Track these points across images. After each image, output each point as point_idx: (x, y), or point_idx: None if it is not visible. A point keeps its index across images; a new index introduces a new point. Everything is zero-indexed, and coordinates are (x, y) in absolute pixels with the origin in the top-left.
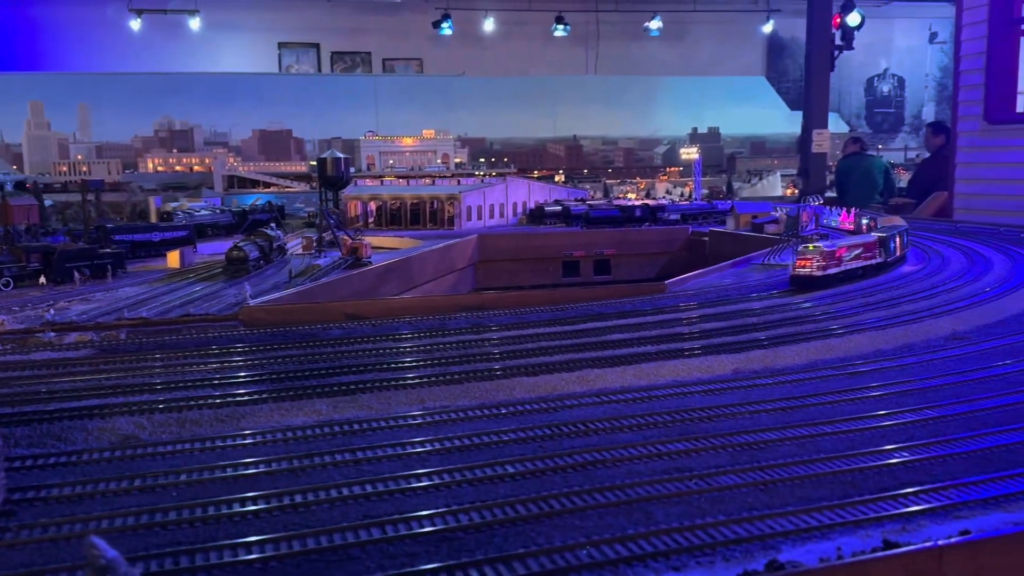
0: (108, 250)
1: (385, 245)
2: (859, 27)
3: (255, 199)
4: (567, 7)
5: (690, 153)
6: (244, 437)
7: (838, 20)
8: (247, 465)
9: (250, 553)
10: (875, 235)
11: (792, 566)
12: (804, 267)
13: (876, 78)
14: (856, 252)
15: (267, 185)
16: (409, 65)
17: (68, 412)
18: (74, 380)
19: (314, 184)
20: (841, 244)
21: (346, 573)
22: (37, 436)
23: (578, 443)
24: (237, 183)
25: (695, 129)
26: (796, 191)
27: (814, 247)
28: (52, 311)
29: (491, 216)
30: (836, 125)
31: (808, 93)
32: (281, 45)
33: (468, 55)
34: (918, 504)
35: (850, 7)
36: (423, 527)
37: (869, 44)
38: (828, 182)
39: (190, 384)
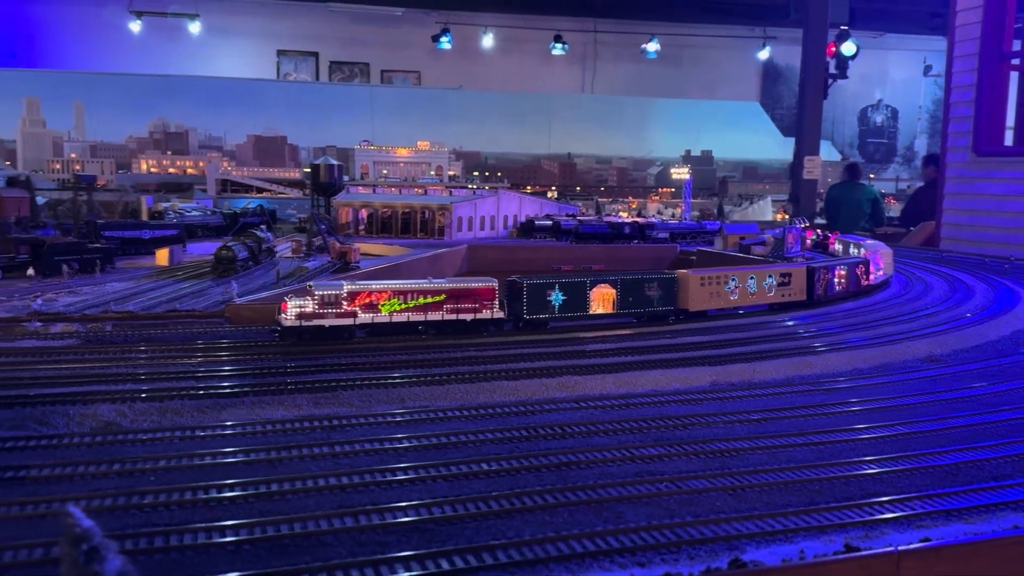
0: (97, 245)
1: (374, 252)
2: (854, 57)
3: (246, 203)
4: (566, 26)
5: (681, 173)
6: (224, 428)
7: (833, 49)
8: (226, 455)
9: (224, 536)
10: (796, 265)
11: (754, 565)
12: (284, 311)
13: (870, 108)
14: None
15: (260, 190)
16: (407, 77)
17: (50, 398)
18: (58, 368)
19: (307, 191)
20: (382, 287)
21: (315, 558)
22: (19, 419)
23: (554, 445)
24: (230, 187)
25: (688, 151)
26: (786, 216)
27: (313, 285)
28: (39, 301)
29: (481, 228)
30: (829, 153)
31: (801, 120)
32: (280, 53)
33: (466, 70)
34: (882, 513)
35: (845, 36)
36: (396, 518)
37: (864, 74)
38: (818, 208)
39: (173, 376)
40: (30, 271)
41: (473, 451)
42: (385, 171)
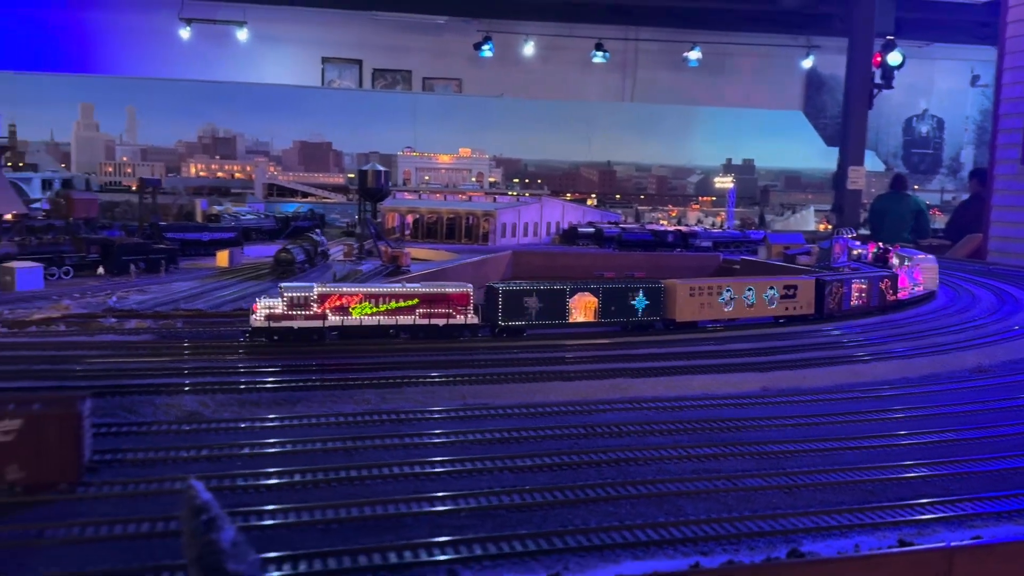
0: (162, 246)
1: (421, 256)
2: (900, 67)
3: (296, 207)
4: (607, 34)
5: (724, 182)
6: (300, 419)
7: (879, 59)
8: (304, 442)
9: (312, 516)
10: (803, 277)
11: (812, 555)
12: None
13: (915, 118)
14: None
15: (305, 195)
16: (448, 85)
17: (137, 388)
18: (138, 360)
19: (350, 196)
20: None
21: (398, 537)
22: (110, 408)
23: (612, 443)
24: (276, 191)
25: (729, 160)
26: (829, 226)
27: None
28: (114, 298)
29: (525, 234)
30: (873, 163)
31: (845, 130)
32: (325, 60)
33: (506, 77)
34: (934, 513)
35: (891, 47)
36: (469, 504)
37: (909, 84)
38: (862, 219)
39: (247, 371)
40: (100, 270)
41: (535, 446)
42: (427, 177)
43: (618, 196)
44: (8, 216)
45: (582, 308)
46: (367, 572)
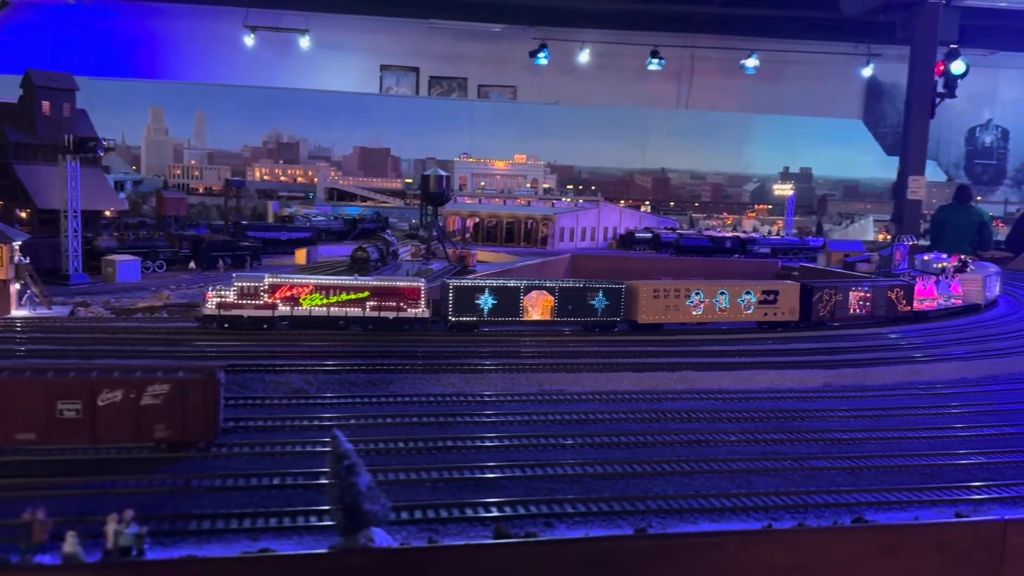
0: (247, 243)
1: (483, 258)
2: (963, 76)
3: (361, 210)
4: (663, 42)
5: (783, 190)
6: (395, 397)
7: (942, 68)
8: (401, 416)
9: (420, 475)
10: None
11: (874, 523)
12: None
13: (978, 128)
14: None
15: (364, 199)
16: (503, 92)
17: (247, 367)
18: (243, 343)
19: (408, 200)
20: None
21: (498, 496)
22: (226, 384)
23: (683, 427)
24: (337, 195)
25: (787, 168)
26: (888, 236)
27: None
28: (209, 290)
29: (583, 239)
30: (934, 173)
31: (906, 139)
32: (383, 68)
33: (561, 84)
34: (989, 494)
35: (955, 55)
36: (556, 472)
37: (973, 93)
38: (922, 229)
39: (344, 354)
40: (191, 264)
41: (612, 427)
42: (483, 183)
43: (672, 203)
44: (107, 213)
45: (539, 306)
46: (475, 521)
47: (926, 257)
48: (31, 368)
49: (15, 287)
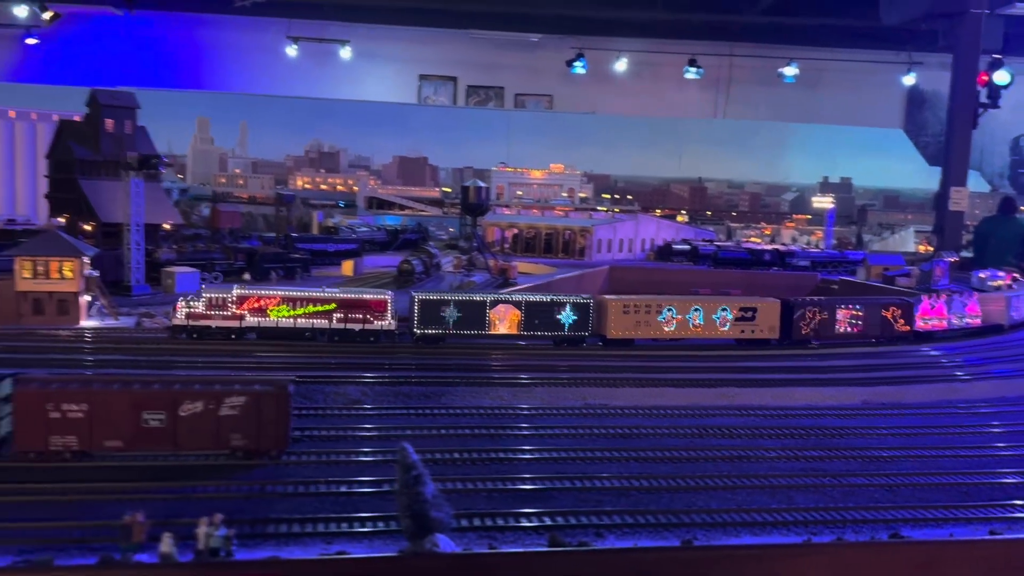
0: (297, 255)
1: (522, 270)
2: (1008, 86)
3: (403, 220)
4: (701, 50)
5: (823, 202)
6: (447, 409)
7: (985, 78)
8: (454, 428)
9: (474, 485)
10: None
11: (910, 539)
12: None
13: (1023, 137)
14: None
15: (403, 207)
16: (540, 101)
17: (307, 379)
18: (301, 355)
19: (446, 209)
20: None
21: (546, 506)
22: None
23: (725, 442)
24: (376, 204)
25: (826, 178)
26: (930, 248)
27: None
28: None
29: (620, 250)
30: (977, 184)
31: (948, 150)
32: (422, 77)
33: (598, 93)
34: None
35: (998, 65)
36: (603, 484)
37: (1017, 102)
38: (964, 241)
39: (396, 367)
40: (246, 275)
41: (656, 442)
42: (519, 192)
43: (709, 213)
44: (166, 225)
45: (506, 320)
46: (529, 530)
47: (982, 275)
48: (119, 380)
49: (85, 299)
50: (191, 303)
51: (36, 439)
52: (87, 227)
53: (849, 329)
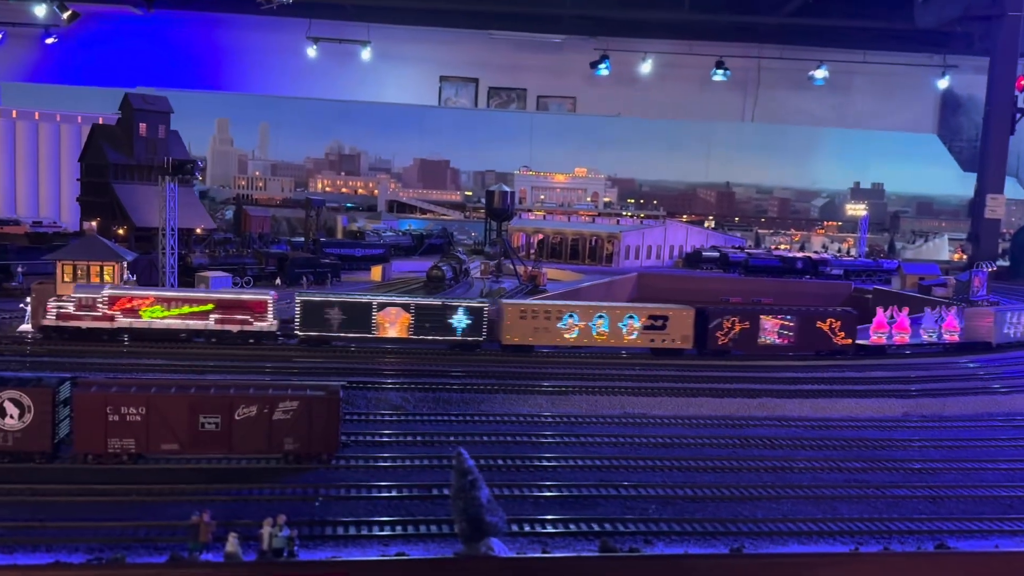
0: (327, 261)
1: (550, 276)
2: None
3: (428, 224)
4: (728, 52)
5: (856, 209)
6: (484, 416)
7: (1023, 82)
8: (495, 434)
9: (536, 491)
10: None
11: (956, 550)
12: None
13: None
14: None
15: (424, 212)
16: (563, 103)
17: (349, 384)
18: (342, 361)
19: (468, 213)
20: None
21: (595, 512)
22: None
23: (767, 453)
24: (397, 208)
25: (857, 184)
26: (964, 256)
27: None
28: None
29: (648, 257)
30: (1014, 191)
31: (984, 155)
32: (443, 79)
33: (622, 96)
34: None
35: None
36: (648, 492)
37: None
38: (1000, 250)
39: (436, 372)
40: (277, 280)
41: (697, 451)
42: (542, 196)
43: (737, 219)
44: (198, 230)
45: (397, 324)
46: (578, 536)
47: None
48: (176, 384)
49: None
50: (61, 303)
51: (95, 441)
52: (120, 231)
53: (777, 340)
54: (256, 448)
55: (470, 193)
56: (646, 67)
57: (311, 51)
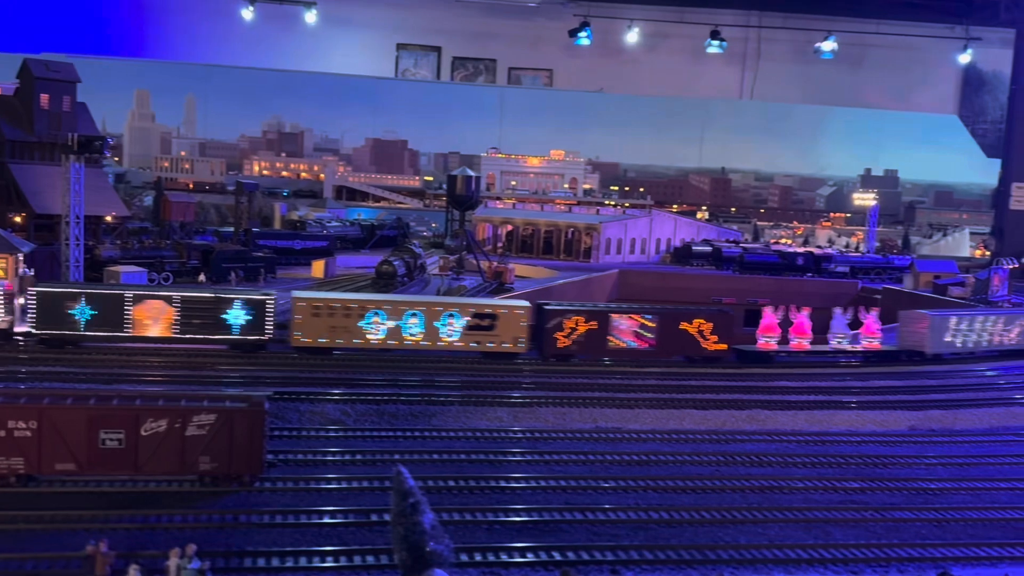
0: (260, 254)
1: (518, 273)
2: None
3: (380, 214)
4: (725, 20)
5: (864, 199)
6: (439, 432)
7: None
8: (449, 453)
9: (474, 517)
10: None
11: None
12: None
13: None
14: None
15: (377, 199)
16: (538, 76)
17: (282, 396)
18: (275, 370)
19: (428, 201)
20: None
21: (558, 540)
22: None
23: (754, 471)
24: (346, 194)
25: (868, 170)
26: (987, 253)
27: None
28: None
29: (631, 251)
30: None
31: (1010, 139)
32: (400, 47)
33: (605, 69)
34: None
35: None
36: (619, 517)
37: None
38: None
39: (385, 383)
40: (201, 277)
41: (676, 470)
42: (513, 182)
43: (733, 209)
44: (109, 218)
45: (160, 320)
46: (537, 566)
47: None
48: (73, 395)
49: (19, 301)
50: None
51: None
52: (16, 219)
53: (634, 343)
54: (167, 468)
55: (430, 178)
56: (632, 36)
57: (247, 13)
